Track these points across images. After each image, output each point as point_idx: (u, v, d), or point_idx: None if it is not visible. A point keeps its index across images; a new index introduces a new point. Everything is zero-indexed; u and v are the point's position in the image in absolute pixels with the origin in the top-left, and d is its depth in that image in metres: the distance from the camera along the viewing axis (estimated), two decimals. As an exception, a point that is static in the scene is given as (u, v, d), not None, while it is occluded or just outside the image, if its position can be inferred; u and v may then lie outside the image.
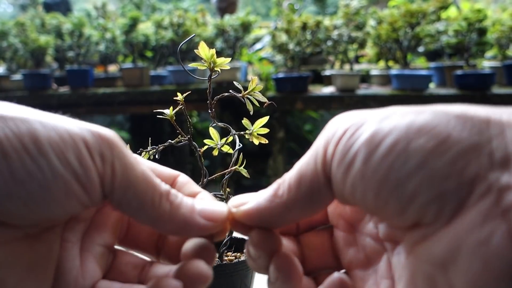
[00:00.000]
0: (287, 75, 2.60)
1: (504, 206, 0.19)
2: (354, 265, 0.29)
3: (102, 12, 3.57)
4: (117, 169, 0.25)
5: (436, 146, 0.21)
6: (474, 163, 0.20)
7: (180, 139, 0.48)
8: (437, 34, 2.66)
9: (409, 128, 0.21)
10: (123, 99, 2.72)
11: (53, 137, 0.24)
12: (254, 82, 0.46)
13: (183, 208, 0.27)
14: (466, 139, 0.20)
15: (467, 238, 0.19)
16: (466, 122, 0.21)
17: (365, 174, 0.22)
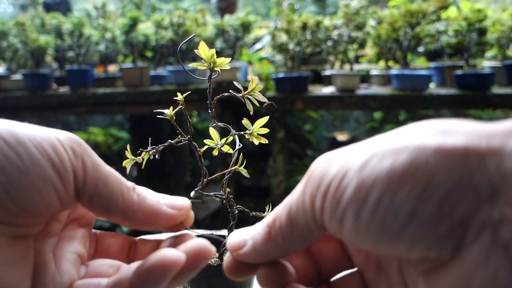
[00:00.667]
0: (287, 75, 2.60)
1: (503, 242, 0.19)
2: (366, 269, 0.29)
3: (102, 12, 3.57)
4: (87, 163, 0.27)
5: (421, 193, 0.20)
6: (462, 202, 0.20)
7: (180, 139, 0.48)
8: (437, 34, 2.66)
9: (390, 177, 0.21)
10: (123, 99, 2.72)
11: (29, 132, 0.26)
12: (254, 82, 0.46)
13: (150, 199, 0.29)
14: (448, 179, 0.20)
15: (475, 275, 0.19)
16: (444, 158, 0.20)
17: (359, 230, 0.22)
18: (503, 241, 0.19)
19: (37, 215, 0.26)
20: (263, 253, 0.27)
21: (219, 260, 0.48)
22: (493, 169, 0.19)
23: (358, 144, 0.24)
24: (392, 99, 2.52)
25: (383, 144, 0.22)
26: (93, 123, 4.14)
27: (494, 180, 0.19)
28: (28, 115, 3.02)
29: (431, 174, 0.20)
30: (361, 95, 2.54)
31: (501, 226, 0.19)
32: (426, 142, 0.21)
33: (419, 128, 0.23)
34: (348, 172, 0.23)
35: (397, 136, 0.23)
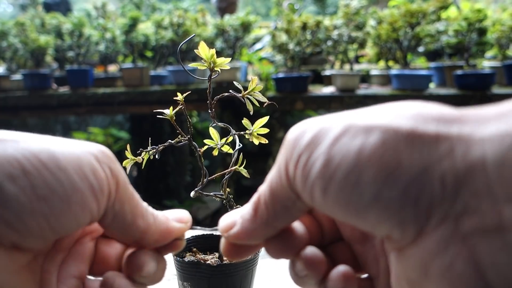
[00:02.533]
0: (287, 75, 2.60)
1: (463, 231, 0.19)
2: (352, 240, 0.30)
3: (102, 12, 3.57)
4: (120, 183, 0.27)
5: (387, 177, 0.20)
6: (427, 190, 0.20)
7: (180, 139, 0.48)
8: (437, 34, 2.67)
9: (358, 157, 0.21)
10: (123, 99, 2.72)
11: (68, 153, 0.25)
12: (254, 82, 0.46)
13: (160, 218, 0.30)
14: (415, 165, 0.20)
15: (433, 261, 0.20)
16: (414, 143, 0.20)
17: (327, 203, 0.23)
18: (463, 231, 0.19)
19: (67, 236, 0.27)
20: (252, 231, 0.27)
21: (219, 260, 0.48)
22: (460, 158, 0.19)
23: (334, 116, 0.24)
24: (392, 99, 2.52)
25: (357, 120, 0.22)
26: (93, 123, 4.14)
27: (460, 169, 0.19)
28: (28, 115, 3.02)
29: (399, 158, 0.20)
30: (361, 95, 2.54)
31: (463, 217, 0.19)
32: (399, 124, 0.21)
33: (395, 108, 0.22)
34: (319, 145, 0.23)
35: (372, 114, 0.22)
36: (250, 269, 0.48)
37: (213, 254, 0.51)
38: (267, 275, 0.62)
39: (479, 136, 0.19)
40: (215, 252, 0.52)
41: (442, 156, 0.19)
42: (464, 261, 0.19)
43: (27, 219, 0.23)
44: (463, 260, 0.19)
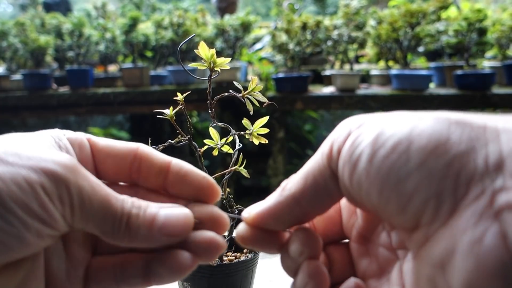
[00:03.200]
0: (287, 75, 2.60)
1: (496, 208, 0.20)
2: (368, 275, 0.30)
3: (102, 12, 3.57)
4: (75, 207, 0.26)
5: (436, 147, 0.22)
6: (470, 165, 0.21)
7: (180, 139, 0.48)
8: (437, 34, 2.67)
9: (412, 130, 0.23)
10: (123, 99, 2.72)
11: (14, 191, 0.24)
12: (254, 82, 0.46)
13: (142, 230, 0.28)
14: (464, 143, 0.22)
15: (462, 238, 0.20)
16: (465, 127, 0.22)
17: (369, 172, 0.24)
18: (497, 206, 0.20)
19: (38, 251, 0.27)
20: (277, 208, 0.27)
21: (219, 260, 0.48)
22: (505, 143, 0.21)
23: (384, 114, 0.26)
24: (392, 99, 2.52)
25: (406, 115, 0.24)
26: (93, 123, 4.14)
27: (504, 152, 0.20)
28: (28, 115, 3.02)
29: (449, 135, 0.22)
30: (361, 95, 2.54)
31: (499, 193, 0.20)
32: (447, 116, 0.23)
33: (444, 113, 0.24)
34: (371, 125, 0.25)
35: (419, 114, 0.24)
36: (250, 269, 0.48)
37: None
38: (267, 275, 0.62)
39: None
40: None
41: (489, 140, 0.21)
42: (495, 235, 0.19)
43: None
44: (493, 234, 0.19)
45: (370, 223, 0.30)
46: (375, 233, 0.30)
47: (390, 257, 0.28)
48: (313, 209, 0.28)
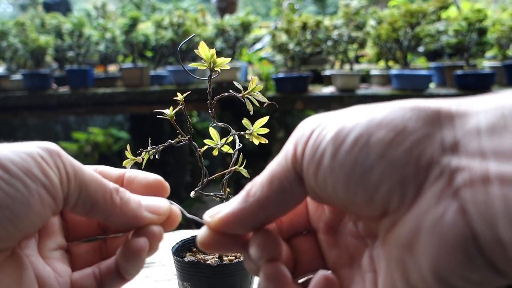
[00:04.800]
0: (287, 75, 2.60)
1: (455, 186, 0.21)
2: (340, 265, 0.30)
3: (102, 12, 3.57)
4: (70, 173, 0.28)
5: (394, 137, 0.23)
6: (428, 150, 0.22)
7: (180, 139, 0.48)
8: (437, 34, 2.66)
9: (369, 123, 0.24)
10: (123, 99, 2.72)
11: (15, 160, 0.26)
12: (254, 82, 0.46)
13: (132, 203, 0.31)
14: (420, 129, 0.23)
15: (425, 218, 0.21)
16: (420, 113, 0.23)
17: (334, 169, 0.24)
18: (455, 186, 0.21)
19: (32, 232, 0.29)
20: (241, 213, 0.27)
21: (219, 260, 0.48)
22: (459, 127, 0.22)
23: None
24: (392, 99, 2.49)
25: (365, 107, 0.25)
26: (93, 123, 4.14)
27: (458, 135, 0.22)
28: (28, 115, 3.02)
29: (406, 123, 0.23)
30: (361, 95, 2.54)
31: (457, 172, 0.21)
32: (403, 104, 0.24)
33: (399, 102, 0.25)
34: (331, 122, 0.25)
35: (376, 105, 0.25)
36: (250, 269, 0.48)
37: (213, 254, 0.51)
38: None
39: (476, 109, 0.22)
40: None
41: (443, 124, 0.22)
42: (454, 212, 0.20)
43: None
44: (453, 211, 0.20)
45: (336, 214, 0.31)
46: (342, 223, 0.31)
47: (359, 245, 0.29)
48: (279, 212, 0.28)
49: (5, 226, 0.25)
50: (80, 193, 0.29)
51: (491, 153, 0.20)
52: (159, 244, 0.32)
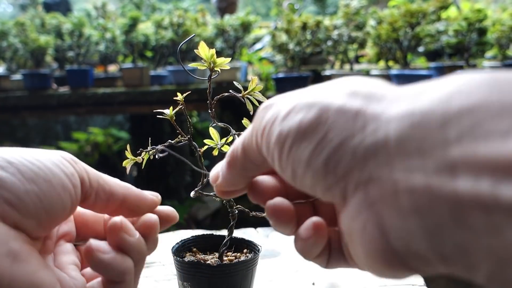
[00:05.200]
0: (287, 75, 2.60)
1: (370, 199, 0.21)
2: None
3: (102, 12, 3.57)
4: (87, 169, 0.34)
5: (315, 147, 0.23)
6: (343, 160, 0.22)
7: (180, 139, 0.48)
8: (437, 34, 2.66)
9: (298, 129, 0.24)
10: (123, 99, 2.72)
11: (39, 151, 0.31)
12: (254, 82, 0.46)
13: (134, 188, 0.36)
14: (337, 137, 0.23)
15: (353, 224, 0.23)
16: (340, 117, 0.23)
17: (283, 168, 0.26)
18: (370, 198, 0.21)
19: (55, 221, 0.31)
20: (230, 180, 0.32)
21: (219, 260, 0.48)
22: (369, 134, 0.21)
23: (293, 93, 0.27)
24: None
25: (304, 97, 0.26)
26: (93, 123, 4.14)
27: (368, 144, 0.21)
28: (28, 115, 3.02)
29: (326, 131, 0.23)
30: (361, 95, 2.53)
31: (369, 185, 0.21)
32: (332, 101, 0.24)
33: (337, 85, 0.25)
34: (275, 119, 0.26)
35: (318, 91, 0.26)
36: (250, 269, 0.48)
37: (213, 254, 0.51)
38: (267, 275, 0.62)
39: (387, 115, 0.21)
40: (215, 252, 0.52)
41: (356, 131, 0.22)
42: (373, 225, 0.21)
43: (23, 197, 0.28)
44: (371, 224, 0.21)
45: None
46: None
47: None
48: (256, 175, 0.32)
49: (32, 199, 0.28)
50: (99, 181, 0.34)
51: (400, 166, 0.20)
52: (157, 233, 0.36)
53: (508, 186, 0.16)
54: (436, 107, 0.19)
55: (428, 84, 0.21)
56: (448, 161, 0.18)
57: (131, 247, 0.32)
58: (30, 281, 0.27)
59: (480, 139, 0.17)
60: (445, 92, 0.19)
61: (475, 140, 0.17)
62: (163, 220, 0.37)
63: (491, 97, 0.17)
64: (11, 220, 0.27)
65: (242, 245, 0.52)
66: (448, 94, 0.19)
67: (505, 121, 0.16)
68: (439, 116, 0.19)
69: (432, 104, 0.19)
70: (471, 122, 0.17)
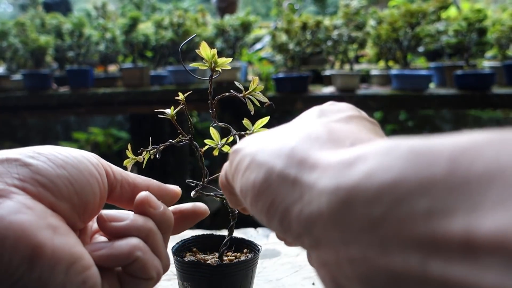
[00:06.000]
0: (287, 75, 2.60)
1: (322, 261, 0.22)
2: None
3: (102, 12, 3.57)
4: (109, 163, 0.36)
5: (268, 209, 0.24)
6: (292, 225, 0.22)
7: (181, 139, 0.48)
8: (437, 34, 2.67)
9: (253, 190, 0.25)
10: (123, 99, 2.72)
11: (62, 147, 0.33)
12: (255, 82, 0.46)
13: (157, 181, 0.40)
14: (282, 203, 0.23)
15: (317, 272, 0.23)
16: (282, 183, 0.23)
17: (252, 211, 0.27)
18: (323, 260, 0.22)
19: (87, 208, 0.33)
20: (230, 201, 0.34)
21: (219, 260, 0.48)
22: (306, 205, 0.21)
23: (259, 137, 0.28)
24: (392, 99, 2.52)
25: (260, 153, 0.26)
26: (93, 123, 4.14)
27: (306, 214, 0.21)
28: (28, 115, 3.02)
29: (273, 196, 0.23)
30: (361, 95, 2.54)
31: (320, 248, 0.21)
32: (275, 164, 0.24)
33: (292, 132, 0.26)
34: (238, 171, 0.27)
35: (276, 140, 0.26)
36: (250, 269, 0.48)
37: (213, 254, 0.51)
38: (267, 275, 0.62)
39: (319, 188, 0.21)
40: (215, 252, 0.52)
41: (296, 200, 0.22)
42: (330, 280, 0.22)
43: (56, 181, 0.30)
44: (328, 279, 0.22)
45: None
46: None
47: None
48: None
49: (64, 182, 0.31)
50: (122, 174, 0.37)
51: (338, 238, 0.20)
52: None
53: (436, 262, 0.16)
54: (360, 184, 0.19)
55: (358, 153, 0.20)
56: (378, 239, 0.18)
57: (154, 217, 0.35)
58: (70, 252, 0.28)
59: (404, 217, 0.17)
60: (368, 166, 0.19)
61: (398, 220, 0.17)
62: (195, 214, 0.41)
63: (409, 172, 0.17)
64: (47, 202, 0.29)
65: (242, 245, 0.52)
66: (370, 169, 0.19)
67: (423, 199, 0.16)
68: (363, 194, 0.18)
69: (356, 180, 0.19)
70: (392, 200, 0.17)
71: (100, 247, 0.32)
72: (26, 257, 0.26)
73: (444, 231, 0.15)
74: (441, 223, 0.15)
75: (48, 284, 0.27)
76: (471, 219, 0.15)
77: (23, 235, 0.26)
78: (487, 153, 0.15)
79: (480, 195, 0.15)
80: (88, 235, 0.37)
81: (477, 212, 0.15)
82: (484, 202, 0.15)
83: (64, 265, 0.27)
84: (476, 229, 0.14)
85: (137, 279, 0.33)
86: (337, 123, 0.26)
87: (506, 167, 0.15)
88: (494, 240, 0.14)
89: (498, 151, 0.15)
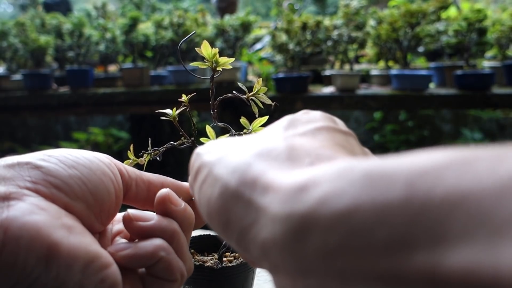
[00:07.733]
0: (287, 75, 2.60)
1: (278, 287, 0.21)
2: None
3: (102, 12, 3.57)
4: (125, 165, 0.37)
5: (223, 229, 0.23)
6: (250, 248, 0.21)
7: (183, 141, 0.48)
8: (437, 34, 2.66)
9: (208, 207, 0.24)
10: (123, 99, 2.72)
11: (72, 149, 0.34)
12: (259, 84, 0.46)
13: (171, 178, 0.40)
14: (238, 225, 0.22)
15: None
16: (236, 203, 0.22)
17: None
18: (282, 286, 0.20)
19: (104, 208, 0.33)
20: None
21: (219, 262, 0.48)
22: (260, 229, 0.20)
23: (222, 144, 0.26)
24: (392, 99, 2.52)
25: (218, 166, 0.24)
26: (93, 123, 4.14)
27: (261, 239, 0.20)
28: (28, 115, 3.02)
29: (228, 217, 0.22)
30: (361, 95, 2.54)
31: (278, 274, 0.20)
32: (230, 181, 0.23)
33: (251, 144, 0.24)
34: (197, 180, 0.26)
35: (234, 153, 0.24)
36: (251, 270, 0.48)
37: (211, 255, 0.51)
38: (267, 275, 0.62)
39: (272, 213, 0.20)
40: (213, 253, 0.51)
41: (251, 222, 0.21)
42: None
43: (68, 181, 0.30)
44: None
45: None
46: None
47: None
48: None
49: (77, 182, 0.31)
50: (136, 173, 0.37)
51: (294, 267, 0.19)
52: None
53: None
54: (313, 212, 0.17)
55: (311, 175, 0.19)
56: (336, 270, 0.16)
57: (176, 214, 0.34)
58: (86, 250, 0.28)
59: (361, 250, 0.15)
60: (321, 191, 0.17)
61: (356, 252, 0.16)
62: None
63: (363, 199, 0.16)
64: (61, 203, 0.29)
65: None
66: (323, 195, 0.17)
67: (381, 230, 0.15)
68: (316, 223, 0.17)
69: (309, 207, 0.18)
70: (347, 230, 0.16)
71: (124, 247, 0.31)
72: (42, 257, 0.26)
73: (407, 267, 0.14)
74: (402, 257, 0.14)
75: (66, 283, 0.27)
76: (435, 255, 0.13)
77: (38, 234, 0.26)
78: (447, 176, 0.14)
79: (442, 226, 0.13)
80: (109, 238, 0.36)
81: (440, 246, 0.13)
82: (446, 234, 0.13)
83: (81, 263, 0.27)
84: (441, 266, 0.13)
85: (161, 280, 0.32)
86: (302, 137, 0.24)
87: (468, 193, 0.13)
88: (461, 278, 0.13)
89: (459, 174, 0.14)
